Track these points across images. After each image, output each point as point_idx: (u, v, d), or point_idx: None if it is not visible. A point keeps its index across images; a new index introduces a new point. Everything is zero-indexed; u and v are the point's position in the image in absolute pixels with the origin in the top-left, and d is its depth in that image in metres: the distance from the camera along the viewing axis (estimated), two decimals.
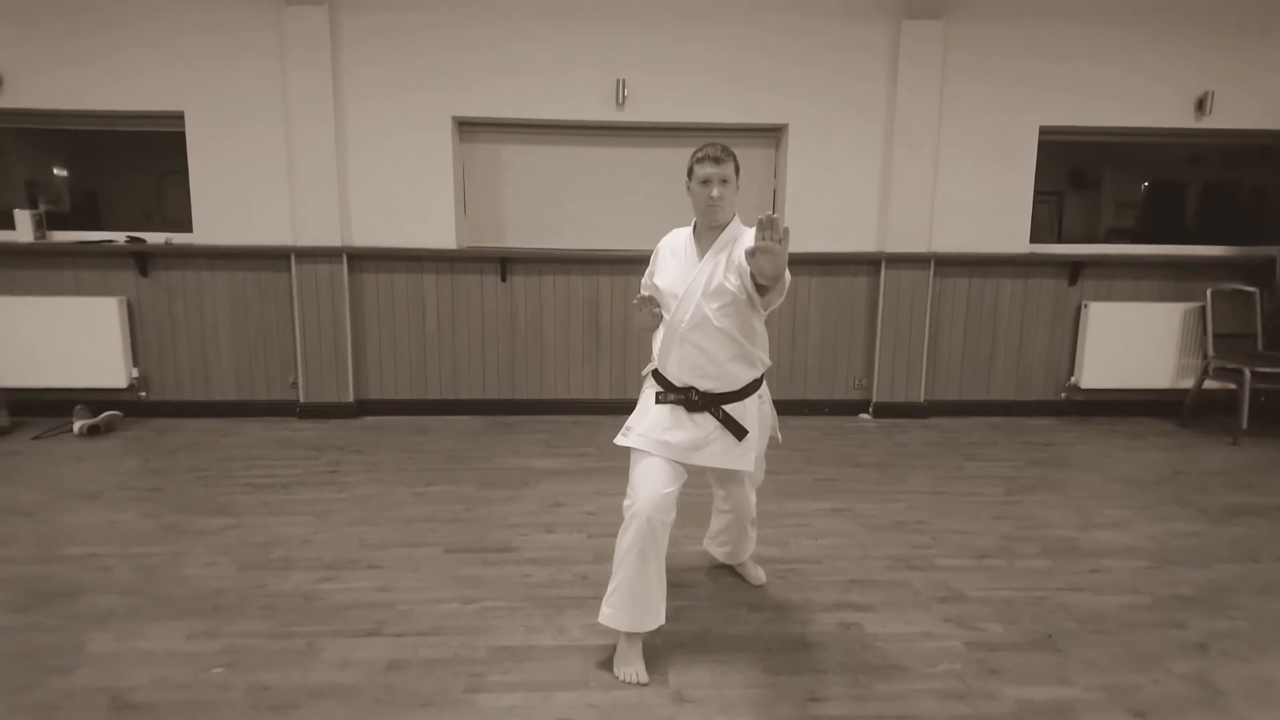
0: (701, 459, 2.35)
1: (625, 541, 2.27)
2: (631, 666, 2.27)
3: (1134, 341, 5.39)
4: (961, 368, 5.50)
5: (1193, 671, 2.38)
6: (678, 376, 2.37)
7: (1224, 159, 5.74)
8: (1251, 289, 5.29)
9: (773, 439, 2.65)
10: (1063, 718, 2.14)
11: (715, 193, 2.28)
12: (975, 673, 2.34)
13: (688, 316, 2.31)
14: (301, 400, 5.24)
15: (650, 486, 2.26)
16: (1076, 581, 2.97)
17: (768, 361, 2.44)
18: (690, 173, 2.34)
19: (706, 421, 2.35)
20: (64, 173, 5.52)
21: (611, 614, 2.29)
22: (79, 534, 3.32)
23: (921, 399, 5.44)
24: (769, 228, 1.92)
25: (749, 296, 2.27)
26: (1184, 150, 5.69)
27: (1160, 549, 3.28)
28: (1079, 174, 5.85)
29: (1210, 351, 5.22)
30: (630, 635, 2.31)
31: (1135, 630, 2.62)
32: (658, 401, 2.39)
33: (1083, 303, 5.41)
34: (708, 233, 2.36)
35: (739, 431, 2.35)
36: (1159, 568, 3.10)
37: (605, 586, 2.33)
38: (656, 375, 2.45)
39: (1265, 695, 2.26)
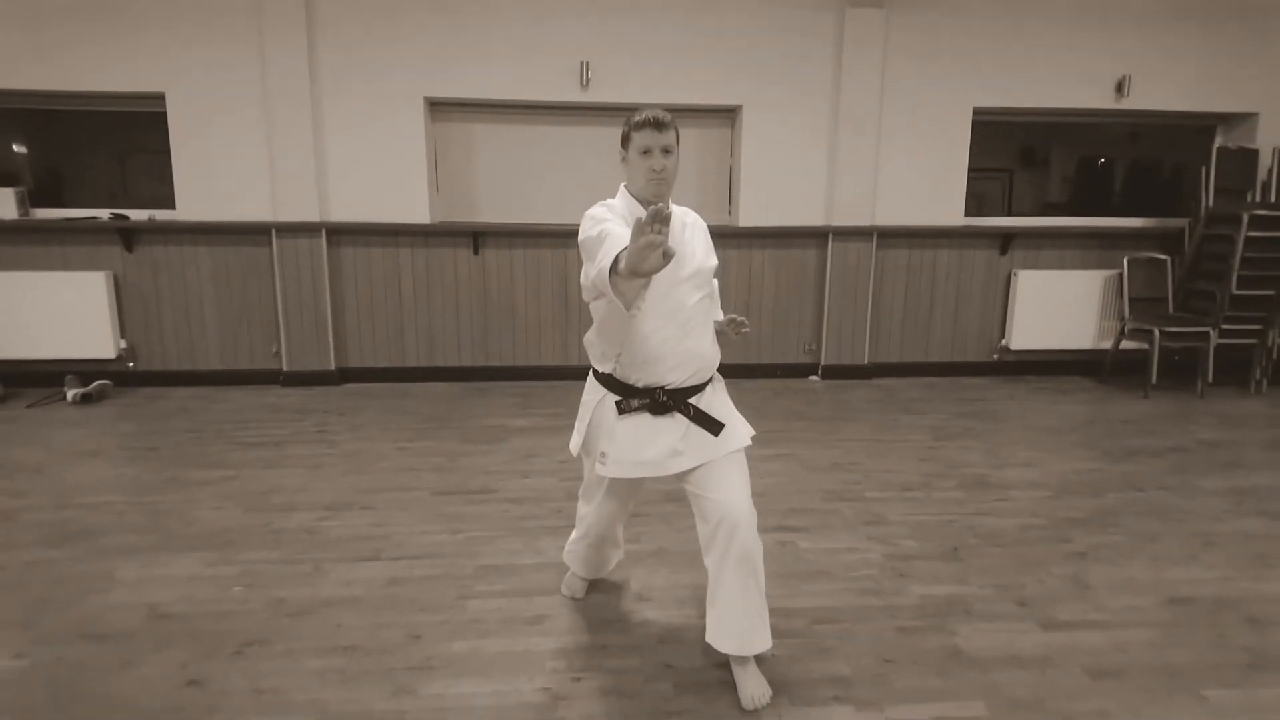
0: (684, 463, 2.08)
1: (578, 535, 2.52)
2: (570, 584, 2.64)
3: (1059, 306, 5.88)
4: (902, 332, 5.96)
5: (1070, 573, 2.84)
6: (648, 375, 2.08)
7: (1154, 137, 6.24)
8: (1164, 257, 5.80)
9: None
10: (956, 607, 2.58)
11: (658, 164, 2.00)
12: (888, 576, 2.78)
13: (660, 303, 2.05)
14: (285, 369, 5.52)
15: (601, 519, 2.41)
16: (984, 508, 3.42)
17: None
18: (626, 141, 2.05)
19: (677, 423, 2.10)
20: (23, 150, 5.67)
21: (569, 557, 2.60)
22: (89, 486, 3.62)
23: (866, 361, 5.89)
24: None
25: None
26: (1122, 129, 6.19)
27: (1061, 483, 3.76)
28: (1029, 152, 6.34)
29: (1126, 314, 5.73)
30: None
31: (1027, 544, 3.07)
32: (621, 412, 2.11)
33: (1012, 271, 5.88)
34: None
35: (714, 426, 2.10)
36: (1057, 496, 3.57)
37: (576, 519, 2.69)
38: (607, 379, 2.16)
39: (1124, 588, 2.73)
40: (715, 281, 2.24)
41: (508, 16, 5.27)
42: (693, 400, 2.12)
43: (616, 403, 2.12)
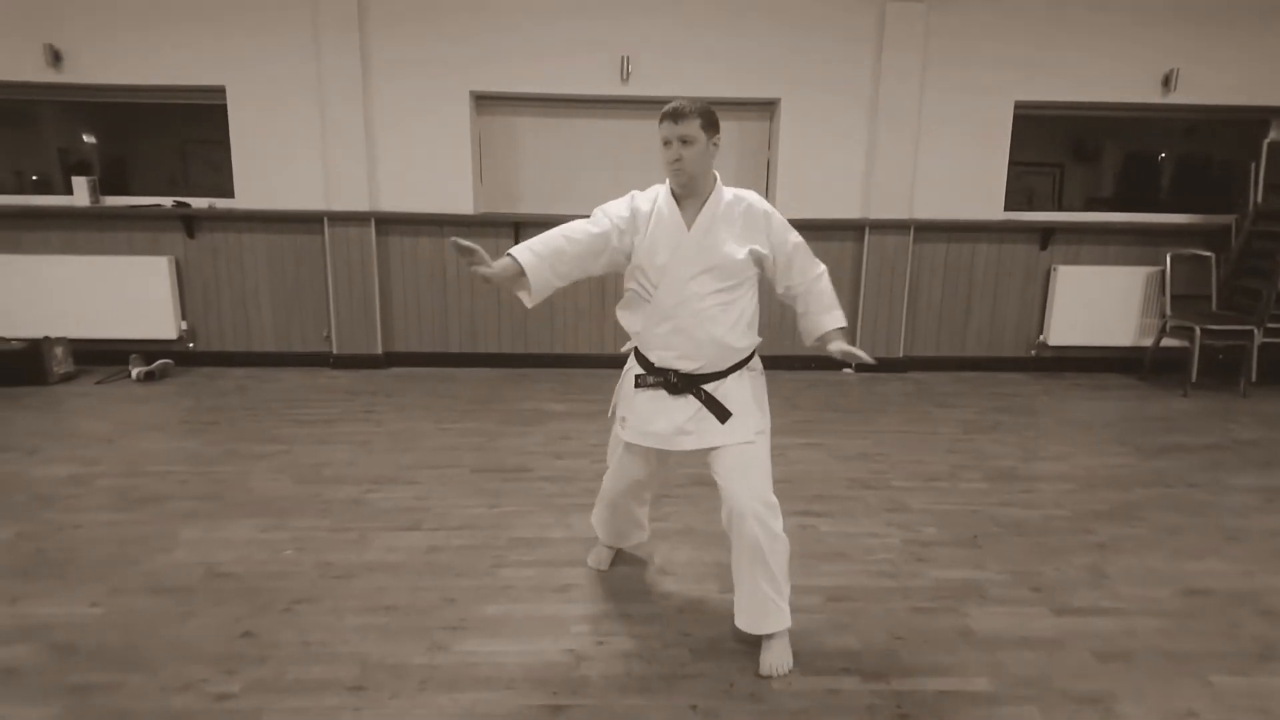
0: (689, 443, 2.20)
1: (600, 495, 2.64)
2: (596, 556, 2.77)
3: (1099, 302, 5.83)
4: (939, 326, 5.97)
5: (1089, 563, 2.88)
6: (660, 357, 2.20)
7: (1207, 131, 6.15)
8: (1208, 254, 5.71)
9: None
10: (970, 590, 2.65)
11: (674, 154, 2.09)
12: (906, 560, 2.86)
13: (673, 293, 2.15)
14: (335, 352, 5.76)
15: (618, 481, 2.49)
16: (1009, 499, 3.47)
17: (756, 338, 2.31)
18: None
19: (689, 404, 2.19)
20: (92, 140, 5.99)
21: (594, 517, 2.75)
22: (155, 456, 3.87)
23: (901, 354, 5.92)
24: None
25: (755, 275, 2.22)
26: (1174, 124, 6.11)
27: (1089, 477, 3.77)
28: (1080, 146, 6.31)
29: (1168, 311, 5.66)
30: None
31: (1049, 534, 3.12)
32: (637, 385, 2.26)
33: (1052, 266, 5.84)
34: (688, 199, 2.18)
35: (721, 414, 2.17)
36: (1083, 490, 3.60)
37: None
38: (637, 353, 2.31)
39: (1141, 578, 2.77)
40: (760, 269, 2.24)
41: (550, 12, 5.41)
42: (708, 386, 2.19)
43: (636, 376, 2.27)
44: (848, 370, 5.93)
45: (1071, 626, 2.44)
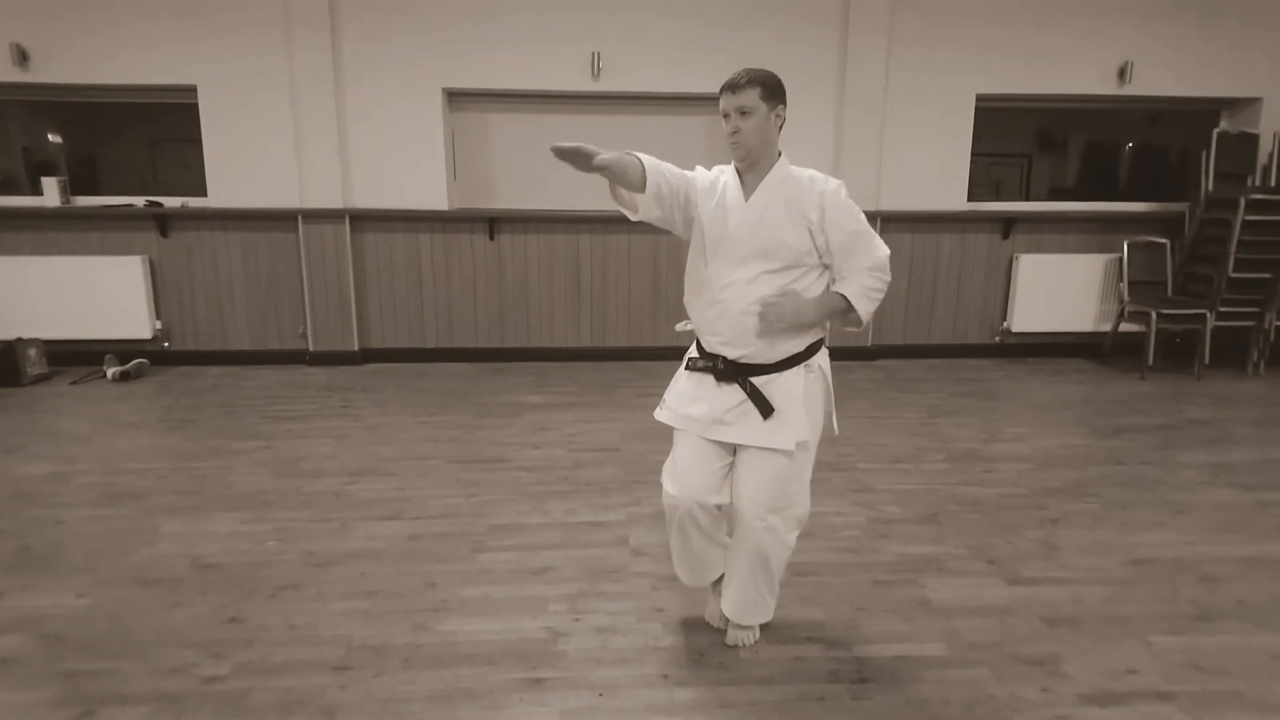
0: (725, 435, 2.08)
1: (669, 526, 2.22)
2: (711, 615, 2.38)
3: (1060, 289, 6.02)
4: (905, 315, 6.12)
5: (1041, 537, 3.03)
6: (709, 342, 2.11)
7: (1163, 122, 6.37)
8: (1164, 241, 5.91)
9: (826, 425, 2.21)
10: (929, 564, 2.79)
11: (731, 127, 2.00)
12: (869, 537, 2.99)
13: (722, 274, 2.04)
14: (310, 349, 5.80)
15: (684, 475, 2.11)
16: (968, 479, 3.61)
17: (816, 334, 2.13)
18: None
19: (733, 393, 2.06)
20: (58, 140, 5.98)
21: (677, 571, 2.34)
22: (134, 453, 3.91)
23: (869, 344, 6.06)
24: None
25: (817, 263, 2.05)
26: (1135, 115, 6.31)
27: (1046, 456, 3.93)
28: (1046, 137, 6.49)
29: (1126, 297, 5.85)
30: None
31: (1005, 511, 3.27)
32: (688, 367, 2.17)
33: (1014, 255, 6.02)
34: (750, 176, 2.07)
35: (764, 408, 2.04)
36: (1040, 469, 3.75)
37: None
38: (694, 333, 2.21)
39: (1090, 550, 2.92)
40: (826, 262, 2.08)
41: (521, 9, 5.47)
42: (758, 380, 2.05)
43: (689, 358, 2.18)
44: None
45: (1023, 595, 2.58)
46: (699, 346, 2.16)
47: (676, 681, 2.13)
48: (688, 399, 2.12)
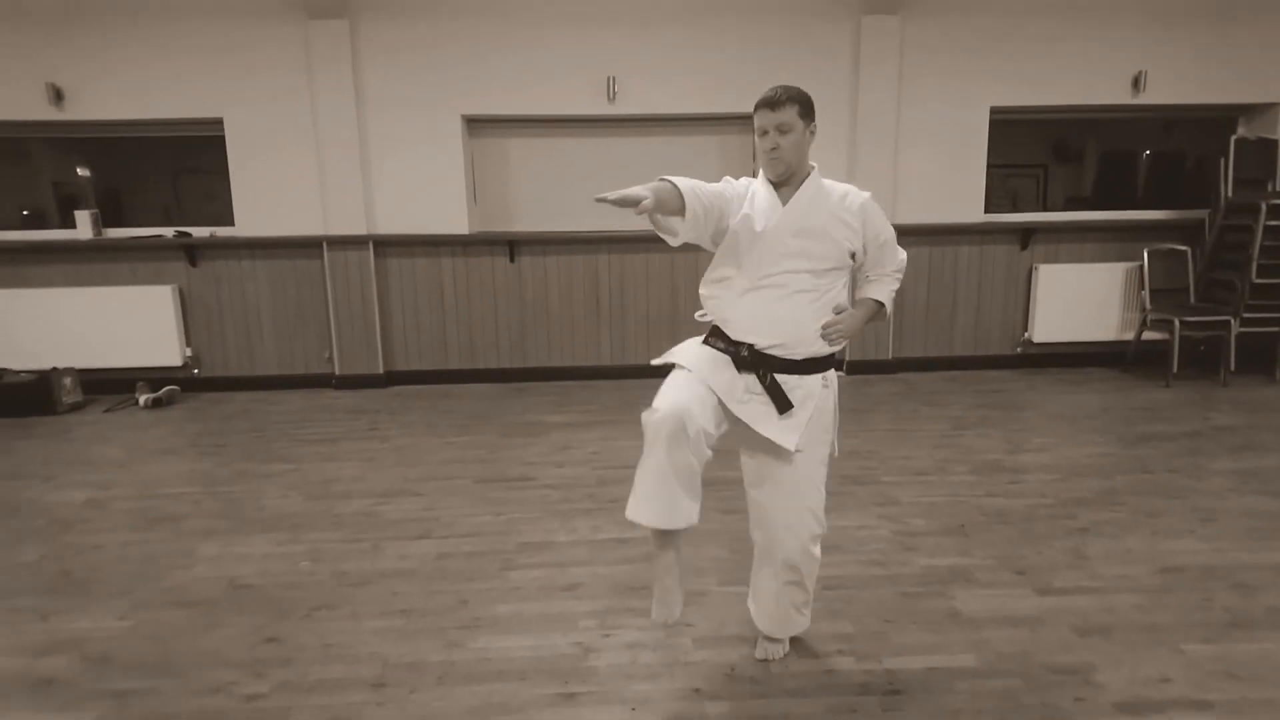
0: (738, 410, 2.04)
1: (645, 445, 1.96)
2: (661, 606, 2.03)
3: (1081, 299, 6.00)
4: (926, 327, 6.12)
5: (1070, 546, 3.02)
6: (736, 330, 2.08)
7: (1181, 130, 6.38)
8: (1184, 248, 5.88)
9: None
10: (957, 576, 2.78)
11: (770, 143, 2.03)
12: (895, 550, 3.00)
13: (763, 264, 2.05)
14: (337, 373, 5.89)
15: (676, 396, 1.94)
16: (994, 490, 3.61)
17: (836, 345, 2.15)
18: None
19: (751, 383, 2.07)
20: (87, 173, 6.15)
21: (634, 506, 1.99)
22: (167, 479, 3.98)
23: (890, 356, 6.06)
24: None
25: (848, 265, 2.13)
26: (1151, 123, 6.33)
27: (1072, 466, 3.91)
28: (1061, 147, 6.51)
29: (1148, 305, 5.82)
30: (660, 541, 2.02)
31: (1033, 521, 3.26)
32: (706, 343, 2.14)
33: (1033, 265, 6.01)
34: (784, 188, 2.11)
35: (783, 403, 2.05)
36: (1066, 479, 3.73)
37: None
38: (713, 332, 2.15)
39: (1120, 559, 2.90)
40: (852, 261, 2.15)
41: (537, 37, 5.58)
42: (779, 375, 2.06)
43: (705, 339, 2.14)
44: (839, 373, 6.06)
45: (1053, 605, 2.57)
46: (720, 334, 2.12)
47: (708, 695, 2.14)
48: (708, 367, 2.04)
